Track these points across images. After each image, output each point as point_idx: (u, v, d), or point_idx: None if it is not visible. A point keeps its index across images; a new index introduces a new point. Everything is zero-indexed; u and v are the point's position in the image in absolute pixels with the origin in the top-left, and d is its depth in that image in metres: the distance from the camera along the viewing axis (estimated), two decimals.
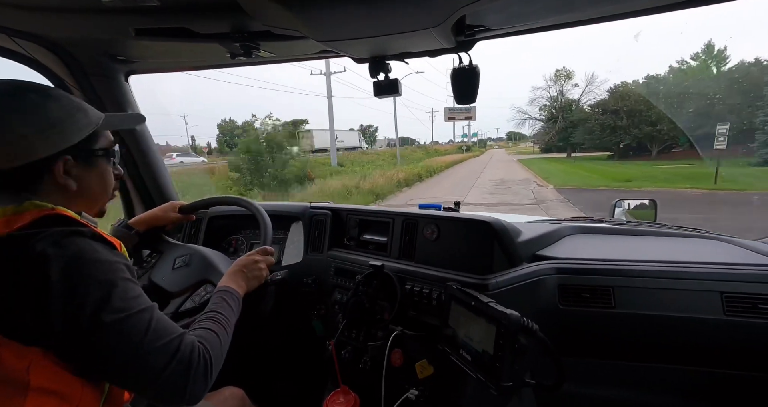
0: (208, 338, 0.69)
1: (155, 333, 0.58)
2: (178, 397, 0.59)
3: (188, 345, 0.62)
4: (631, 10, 0.92)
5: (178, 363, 0.59)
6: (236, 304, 0.86)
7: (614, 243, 1.29)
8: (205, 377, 0.63)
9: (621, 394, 1.13)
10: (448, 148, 54.96)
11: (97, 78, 1.29)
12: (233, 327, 0.82)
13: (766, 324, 0.93)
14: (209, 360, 0.65)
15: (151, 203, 1.60)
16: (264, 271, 1.00)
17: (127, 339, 0.55)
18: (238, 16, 0.84)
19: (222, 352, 0.72)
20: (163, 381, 0.58)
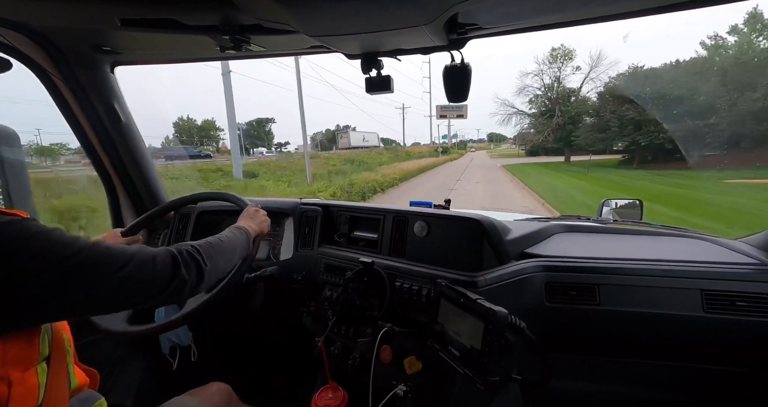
0: (199, 242, 0.77)
1: (123, 252, 0.61)
2: (180, 291, 0.67)
3: (162, 250, 0.67)
4: (621, 11, 0.93)
5: (163, 262, 0.65)
6: (242, 233, 0.94)
7: (600, 242, 1.32)
8: (198, 267, 0.71)
9: (605, 389, 1.16)
10: (423, 150, 48.64)
11: (80, 69, 1.26)
12: (237, 249, 0.89)
13: (743, 320, 0.96)
14: (197, 253, 0.72)
15: (141, 206, 1.57)
16: (267, 217, 1.11)
17: (102, 268, 0.57)
18: (228, 8, 0.82)
19: (217, 254, 0.78)
20: (159, 283, 0.64)
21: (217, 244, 0.81)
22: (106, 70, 1.34)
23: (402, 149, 42.42)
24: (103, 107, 1.35)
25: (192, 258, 0.71)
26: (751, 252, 1.08)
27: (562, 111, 27.79)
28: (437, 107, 18.12)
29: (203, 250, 0.74)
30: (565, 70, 30.31)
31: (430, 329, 0.94)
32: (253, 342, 1.57)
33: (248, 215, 1.07)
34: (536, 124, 30.10)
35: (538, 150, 35.31)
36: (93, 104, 1.33)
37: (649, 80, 19.84)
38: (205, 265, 0.73)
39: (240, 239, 0.92)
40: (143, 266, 0.62)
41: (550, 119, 28.52)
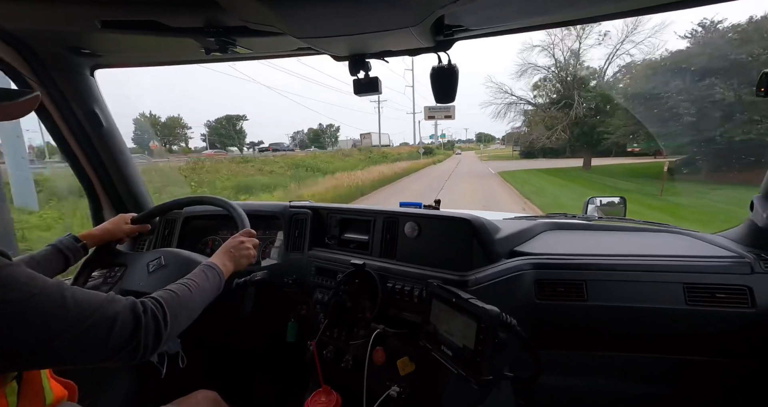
0: (164, 295, 0.71)
1: (79, 306, 0.56)
2: (130, 357, 0.61)
3: (127, 306, 0.62)
4: (602, 13, 0.96)
5: (122, 325, 0.59)
6: (215, 277, 0.87)
7: (587, 239, 1.35)
8: (157, 333, 0.64)
9: (594, 383, 1.18)
10: (403, 150, 41.51)
11: (58, 72, 1.22)
12: (206, 297, 0.83)
13: (722, 311, 0.99)
14: (162, 314, 0.66)
15: (122, 209, 1.53)
16: (252, 251, 1.00)
17: (44, 320, 0.52)
18: (212, 10, 0.81)
19: (181, 311, 0.72)
20: (111, 348, 0.58)
21: (186, 298, 0.75)
22: (85, 73, 1.30)
23: (378, 150, 34.71)
24: (82, 112, 1.31)
25: (154, 320, 0.64)
26: (729, 245, 1.12)
27: (584, 98, 18.69)
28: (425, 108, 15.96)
29: (169, 308, 0.68)
30: (587, 41, 19.86)
31: (423, 329, 0.94)
32: (243, 347, 1.55)
33: (229, 248, 0.96)
34: (543, 117, 20.89)
35: (535, 152, 28.23)
36: (72, 109, 1.29)
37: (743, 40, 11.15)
38: (166, 328, 0.66)
39: (212, 286, 0.85)
40: (98, 328, 0.57)
41: (565, 109, 19.35)
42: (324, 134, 63.83)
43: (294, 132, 66.64)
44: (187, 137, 44.39)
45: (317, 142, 60.00)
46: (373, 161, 24.62)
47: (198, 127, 48.47)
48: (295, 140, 63.49)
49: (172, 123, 42.63)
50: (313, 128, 65.00)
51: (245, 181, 12.72)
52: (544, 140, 20.68)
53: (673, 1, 0.89)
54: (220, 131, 47.04)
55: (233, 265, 0.94)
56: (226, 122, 47.36)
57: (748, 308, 0.98)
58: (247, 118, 48.83)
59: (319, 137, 62.36)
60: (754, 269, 1.00)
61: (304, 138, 63.83)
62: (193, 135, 46.00)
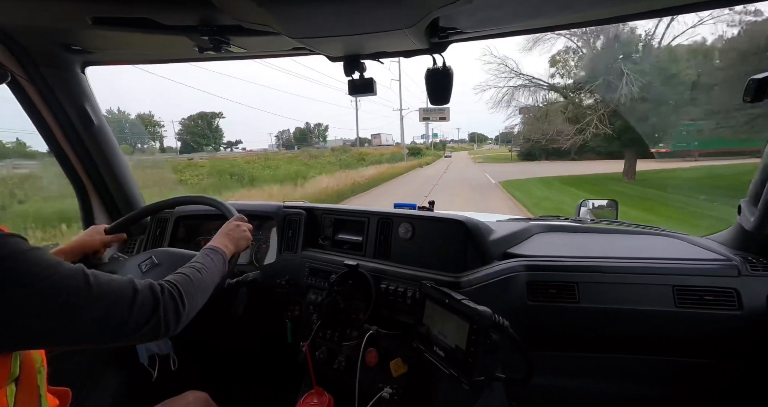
0: (177, 278, 0.73)
1: (100, 288, 0.58)
2: (153, 334, 0.63)
3: (145, 286, 0.64)
4: (597, 17, 0.97)
5: (142, 304, 0.62)
6: (219, 258, 0.89)
7: (579, 241, 1.36)
8: (176, 310, 0.67)
9: (585, 385, 1.19)
10: (386, 151, 35.62)
11: (49, 69, 1.20)
12: (214, 278, 0.84)
13: (710, 314, 1.01)
14: (178, 294, 0.68)
15: (115, 209, 1.51)
16: (248, 233, 1.03)
17: (69, 300, 0.54)
18: (206, 8, 0.80)
19: (195, 292, 0.75)
20: (133, 326, 0.60)
21: (197, 279, 0.77)
22: (76, 70, 1.28)
23: (355, 151, 31.07)
24: (73, 109, 1.29)
25: (172, 299, 0.67)
26: (717, 249, 1.14)
27: (639, 72, 11.84)
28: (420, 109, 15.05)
29: (183, 289, 0.70)
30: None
31: (416, 330, 0.94)
32: (235, 348, 1.54)
33: (227, 231, 0.99)
34: (563, 105, 14.44)
35: (536, 152, 24.12)
36: (62, 106, 1.27)
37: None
38: (184, 307, 0.69)
39: (217, 267, 0.87)
40: (122, 303, 0.59)
41: (605, 89, 12.50)
42: (311, 133, 61.58)
43: (279, 131, 65.01)
44: (160, 135, 41.21)
45: (304, 142, 57.75)
46: (345, 164, 21.65)
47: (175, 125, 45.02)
48: (281, 139, 62.22)
49: (143, 121, 38.97)
50: (300, 127, 62.89)
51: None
52: (574, 136, 13.04)
53: (671, 6, 0.90)
54: (194, 130, 43.76)
55: (234, 246, 0.97)
56: (200, 120, 44.06)
57: (735, 310, 1.00)
58: (224, 115, 45.61)
59: (306, 137, 60.04)
60: (741, 271, 1.02)
61: (290, 138, 62.08)
62: (167, 134, 42.70)
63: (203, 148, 42.18)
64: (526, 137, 18.23)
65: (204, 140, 44.05)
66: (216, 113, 45.11)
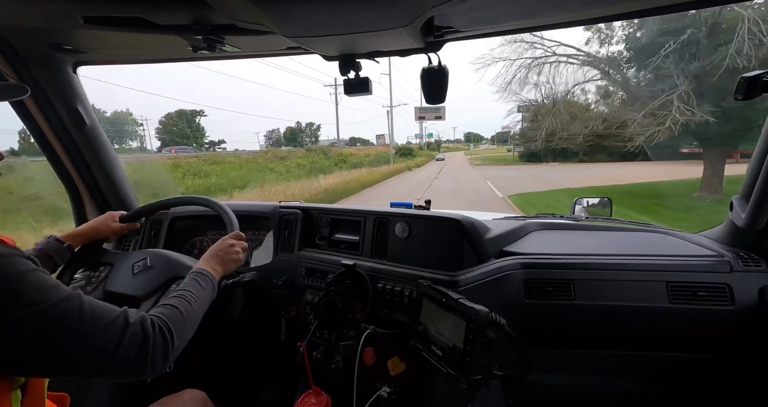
0: (167, 312, 0.70)
1: (93, 316, 0.56)
2: (139, 371, 0.60)
3: (137, 320, 0.62)
4: (590, 17, 0.98)
5: (132, 337, 0.59)
6: (209, 284, 0.86)
7: (574, 238, 1.37)
8: (165, 348, 0.64)
9: (582, 381, 1.20)
10: (372, 152, 31.75)
11: (39, 69, 1.18)
12: (204, 305, 0.82)
13: (703, 309, 1.02)
14: (168, 331, 0.66)
15: (107, 209, 1.50)
16: (240, 254, 1.00)
17: (60, 327, 0.53)
18: (200, 7, 0.80)
19: (186, 325, 0.72)
20: (120, 358, 0.58)
21: (188, 312, 0.74)
22: (67, 70, 1.27)
23: (336, 151, 27.31)
24: (65, 110, 1.28)
25: (162, 335, 0.64)
26: (710, 245, 1.15)
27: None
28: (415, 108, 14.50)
29: (173, 324, 0.67)
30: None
31: (413, 329, 0.94)
32: (232, 349, 1.53)
33: (217, 251, 0.95)
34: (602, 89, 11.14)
35: (542, 153, 21.07)
36: (54, 107, 1.26)
37: None
38: (173, 344, 0.66)
39: (207, 293, 0.84)
40: (111, 335, 0.57)
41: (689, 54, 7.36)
42: (302, 132, 59.87)
43: (268, 130, 63.39)
44: (139, 134, 38.68)
45: (294, 141, 55.71)
46: (316, 167, 18.36)
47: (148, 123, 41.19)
48: (270, 138, 61.14)
49: (119, 119, 36.46)
50: (291, 126, 61.35)
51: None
52: (642, 129, 8.45)
53: (663, 5, 0.90)
54: (172, 128, 40.79)
55: (222, 269, 0.93)
56: (179, 118, 40.70)
57: (727, 305, 1.01)
58: (206, 114, 42.54)
59: (296, 136, 58.27)
60: (733, 267, 1.03)
61: (280, 137, 60.64)
62: (146, 133, 39.97)
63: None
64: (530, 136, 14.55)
65: (183, 140, 40.80)
66: (197, 111, 42.05)
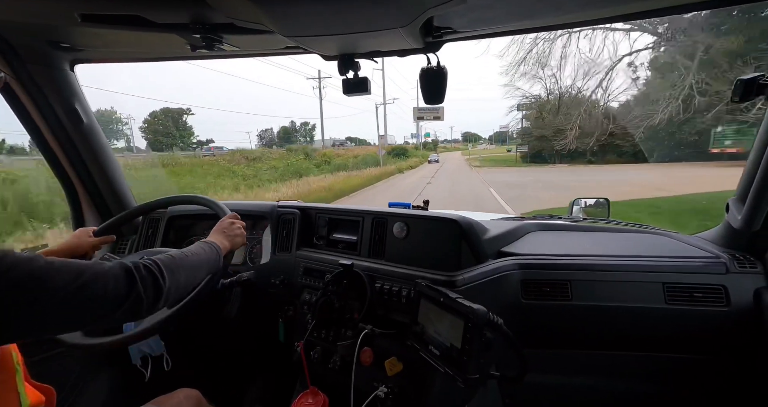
0: (159, 256, 0.71)
1: (67, 267, 0.56)
2: (136, 309, 0.62)
3: (116, 264, 0.62)
4: (589, 18, 0.98)
5: (116, 277, 0.60)
6: (212, 250, 0.88)
7: (572, 239, 1.37)
8: (156, 284, 0.66)
9: (578, 381, 1.20)
10: (359, 152, 28.89)
11: (36, 66, 1.18)
12: (202, 263, 0.83)
13: (700, 310, 1.03)
14: (157, 268, 0.67)
15: (106, 212, 1.49)
16: (242, 230, 1.04)
17: (37, 284, 0.52)
18: (198, 6, 0.79)
19: (179, 269, 0.73)
20: (112, 300, 0.59)
21: (181, 259, 0.75)
22: (65, 68, 1.26)
23: (320, 152, 25.04)
24: (62, 108, 1.27)
25: (150, 273, 0.65)
26: (706, 246, 1.16)
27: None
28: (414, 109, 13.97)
29: (163, 265, 0.69)
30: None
31: (411, 329, 0.94)
32: (229, 349, 1.53)
33: (221, 228, 1.00)
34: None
35: (546, 154, 19.77)
36: (51, 105, 1.25)
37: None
38: (164, 282, 0.67)
39: (208, 256, 0.85)
40: (92, 283, 0.57)
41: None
42: (297, 132, 58.37)
43: (261, 130, 61.20)
44: (125, 133, 34.81)
45: (288, 141, 53.41)
46: (292, 170, 16.54)
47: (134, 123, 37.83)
48: (263, 138, 59.88)
49: (103, 117, 31.74)
50: (285, 126, 59.28)
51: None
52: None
53: (662, 6, 0.91)
54: (156, 128, 37.72)
55: (229, 243, 0.97)
56: (164, 117, 37.63)
57: (723, 306, 1.02)
58: (193, 112, 39.22)
59: (290, 136, 56.56)
60: (729, 269, 1.04)
61: (273, 137, 58.91)
62: (131, 132, 36.30)
63: (171, 148, 35.70)
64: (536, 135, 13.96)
65: (169, 139, 37.75)
66: (183, 110, 38.48)
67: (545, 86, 11.29)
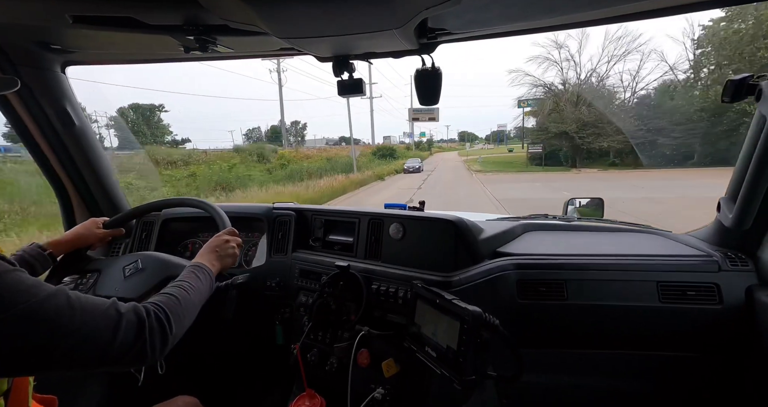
0: (164, 299, 0.70)
1: (83, 309, 0.56)
2: (140, 358, 0.61)
3: (129, 309, 0.62)
4: (584, 20, 0.99)
5: (127, 325, 0.59)
6: (206, 277, 0.86)
7: (567, 239, 1.38)
8: (163, 333, 0.65)
9: (574, 381, 1.21)
10: (337, 154, 25.19)
11: (26, 68, 1.16)
12: (202, 297, 0.82)
13: (692, 308, 1.04)
14: (165, 317, 0.66)
15: (98, 213, 1.47)
16: (236, 250, 1.00)
17: (50, 323, 0.52)
18: (191, 7, 0.79)
19: (183, 313, 0.73)
20: (118, 347, 0.58)
21: (185, 300, 0.75)
22: (56, 69, 1.24)
23: (284, 152, 21.50)
24: (53, 110, 1.26)
25: (158, 322, 0.64)
26: (699, 245, 1.17)
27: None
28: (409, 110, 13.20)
29: (170, 311, 0.68)
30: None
31: (407, 330, 0.94)
32: (225, 352, 1.51)
33: (214, 247, 0.95)
34: None
35: (561, 156, 16.41)
36: (42, 107, 1.24)
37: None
38: (171, 330, 0.66)
39: (204, 286, 0.84)
40: (105, 326, 0.57)
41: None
42: (287, 132, 55.25)
43: (248, 129, 60.73)
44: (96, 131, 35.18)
45: (277, 141, 49.70)
46: (220, 179, 13.06)
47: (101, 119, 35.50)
48: (250, 138, 58.82)
49: None
50: (275, 125, 56.46)
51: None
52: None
53: (655, 8, 0.92)
54: (121, 125, 32.52)
55: (219, 264, 0.94)
56: (134, 113, 34.29)
57: (715, 304, 1.03)
58: (166, 108, 35.55)
59: (279, 136, 52.92)
60: (722, 267, 1.05)
61: (261, 136, 57.28)
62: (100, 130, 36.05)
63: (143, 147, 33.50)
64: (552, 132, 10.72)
65: (140, 138, 34.25)
66: (155, 106, 34.74)
67: (560, 71, 8.64)
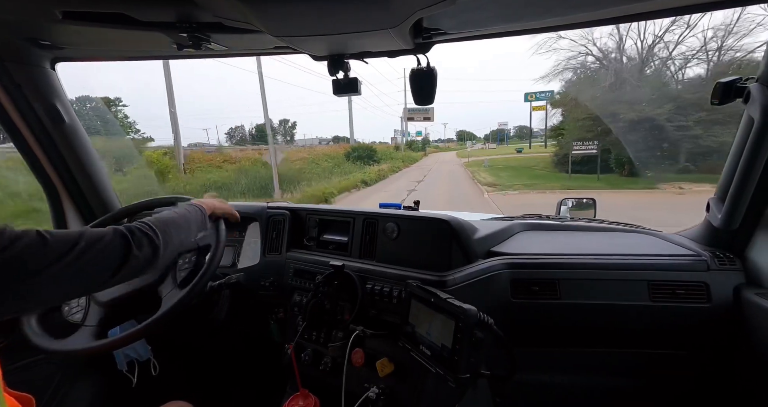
0: (150, 218, 0.73)
1: (59, 238, 0.57)
2: (138, 267, 0.64)
3: (109, 229, 0.64)
4: (579, 21, 0.99)
5: (111, 242, 0.61)
6: (196, 210, 0.91)
7: (560, 239, 1.39)
8: (151, 241, 0.68)
9: (567, 379, 1.22)
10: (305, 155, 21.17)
11: (14, 64, 1.14)
12: (191, 225, 0.86)
13: (682, 307, 1.06)
14: (147, 228, 0.69)
15: (89, 212, 1.45)
16: (227, 204, 1.09)
17: (29, 258, 0.53)
18: (184, 4, 0.78)
19: (169, 228, 0.75)
20: (110, 264, 0.60)
21: (170, 218, 0.78)
22: (45, 66, 1.22)
23: (211, 156, 17.56)
24: (42, 107, 1.23)
25: (144, 235, 0.68)
26: (688, 244, 1.19)
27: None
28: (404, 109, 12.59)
29: (155, 224, 0.71)
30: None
31: (402, 330, 0.94)
32: (218, 352, 1.51)
33: (204, 199, 1.05)
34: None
35: (613, 159, 12.31)
36: (30, 104, 1.21)
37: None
38: (158, 239, 0.69)
39: (193, 215, 0.88)
40: (89, 251, 0.58)
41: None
42: (275, 130, 55.68)
43: (231, 128, 59.25)
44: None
45: (263, 140, 46.66)
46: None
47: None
48: (233, 137, 58.37)
49: None
50: (260, 123, 54.80)
51: None
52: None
53: (652, 10, 0.92)
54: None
55: (212, 204, 1.01)
56: (80, 106, 27.45)
57: (704, 303, 1.05)
58: (123, 101, 29.77)
59: (265, 135, 54.76)
60: (710, 266, 1.07)
61: (244, 135, 56.77)
62: None
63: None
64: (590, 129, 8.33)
65: (92, 135, 33.32)
66: (111, 100, 25.95)
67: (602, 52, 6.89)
